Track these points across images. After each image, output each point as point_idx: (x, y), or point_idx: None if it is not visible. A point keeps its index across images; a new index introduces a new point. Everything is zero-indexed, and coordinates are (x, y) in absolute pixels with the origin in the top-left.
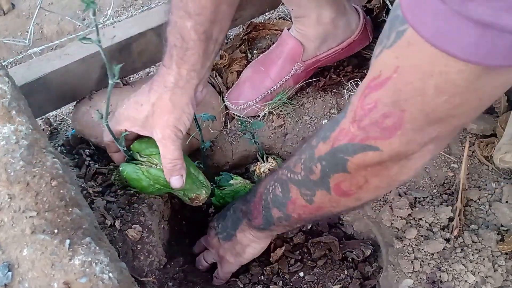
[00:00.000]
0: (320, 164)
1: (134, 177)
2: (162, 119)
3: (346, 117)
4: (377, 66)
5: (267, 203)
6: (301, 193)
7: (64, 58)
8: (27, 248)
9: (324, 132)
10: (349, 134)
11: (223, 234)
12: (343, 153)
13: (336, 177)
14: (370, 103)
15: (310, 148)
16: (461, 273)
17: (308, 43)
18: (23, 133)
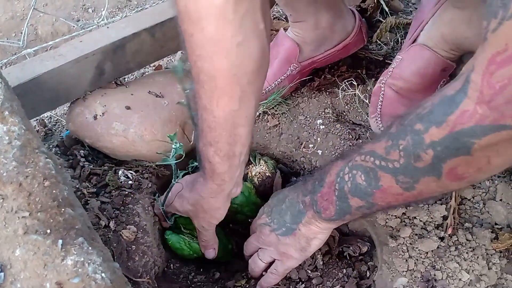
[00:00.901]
0: (432, 150)
1: (178, 246)
2: (199, 216)
3: (469, 98)
4: (499, 39)
5: (343, 193)
6: (397, 181)
7: (58, 58)
8: (20, 249)
9: (436, 116)
10: (476, 116)
11: (281, 229)
12: (469, 137)
13: (454, 162)
14: (502, 80)
15: (413, 133)
16: (456, 271)
17: (304, 45)
18: (16, 134)
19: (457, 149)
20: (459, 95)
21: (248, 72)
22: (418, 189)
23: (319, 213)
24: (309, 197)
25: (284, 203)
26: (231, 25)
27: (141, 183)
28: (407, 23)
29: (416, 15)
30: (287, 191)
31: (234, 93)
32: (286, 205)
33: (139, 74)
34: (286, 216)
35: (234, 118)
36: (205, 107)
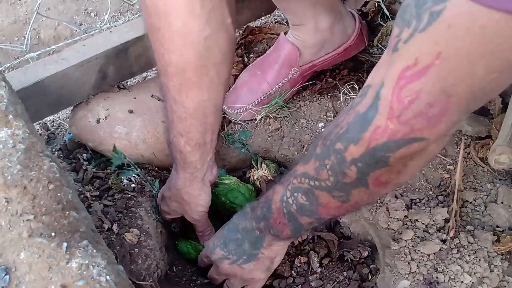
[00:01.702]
0: (355, 166)
1: (185, 250)
2: (185, 209)
3: (380, 114)
4: (410, 53)
5: (292, 214)
6: (333, 197)
7: (61, 62)
8: (24, 252)
9: (353, 134)
10: (388, 131)
11: (242, 258)
12: (383, 151)
13: (376, 173)
14: (410, 94)
15: (336, 153)
16: (458, 274)
17: (305, 49)
18: (20, 137)
19: (375, 163)
20: (371, 112)
21: (217, 64)
22: (353, 200)
23: (277, 236)
24: (262, 223)
25: (238, 233)
26: (199, 19)
27: (144, 186)
28: None
29: None
30: (236, 221)
31: (203, 84)
32: (241, 234)
33: (141, 78)
34: (244, 245)
35: (204, 108)
36: (174, 99)
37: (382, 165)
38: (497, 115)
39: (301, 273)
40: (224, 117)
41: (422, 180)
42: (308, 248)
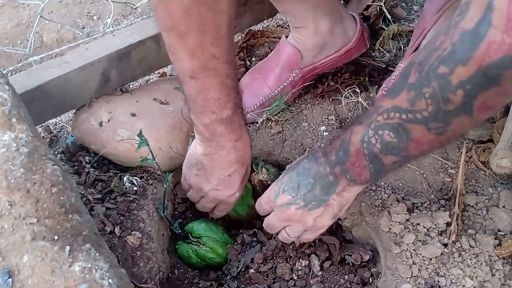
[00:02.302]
0: (462, 90)
1: (185, 255)
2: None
3: (494, 27)
4: None
5: (374, 155)
6: (429, 129)
7: (63, 66)
8: (27, 255)
9: (461, 54)
10: (505, 46)
11: (311, 203)
12: (499, 69)
13: (484, 96)
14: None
15: (439, 78)
16: (459, 278)
17: (306, 51)
18: (24, 141)
19: (488, 83)
20: (483, 27)
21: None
22: (451, 131)
23: (353, 180)
24: (338, 167)
25: (310, 177)
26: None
27: (146, 189)
28: (410, 31)
29: (418, 23)
30: (307, 165)
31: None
32: (313, 178)
33: (143, 81)
34: (315, 190)
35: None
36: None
37: (494, 85)
38: (499, 119)
39: (302, 277)
40: None
41: (424, 184)
42: (309, 252)
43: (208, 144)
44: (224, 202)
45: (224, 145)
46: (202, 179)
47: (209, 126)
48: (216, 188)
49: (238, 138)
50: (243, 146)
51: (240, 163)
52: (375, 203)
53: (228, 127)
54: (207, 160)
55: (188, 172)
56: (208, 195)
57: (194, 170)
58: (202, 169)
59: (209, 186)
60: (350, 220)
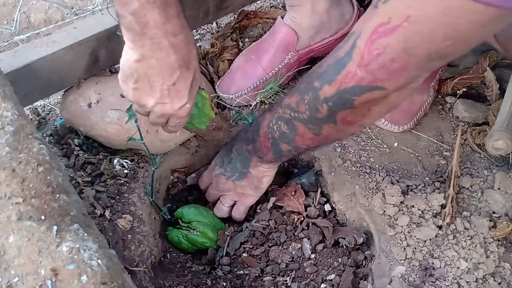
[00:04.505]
0: (326, 104)
1: (176, 240)
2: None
3: (353, 61)
4: (386, 12)
5: (275, 139)
6: (308, 128)
7: (51, 45)
8: (14, 235)
9: (329, 75)
10: (356, 77)
11: (235, 175)
12: (350, 94)
13: (343, 113)
14: (378, 48)
15: (313, 90)
16: (454, 260)
17: (302, 32)
18: (9, 119)
19: (343, 104)
20: (346, 58)
21: None
22: (323, 134)
23: (261, 158)
24: (251, 145)
25: (232, 153)
26: None
27: (136, 172)
28: None
29: None
30: (232, 143)
31: None
32: (234, 154)
33: None
34: (236, 164)
35: None
36: None
37: (348, 107)
38: (494, 101)
39: (295, 260)
40: (218, 102)
41: (418, 166)
42: (303, 235)
43: (141, 44)
44: (174, 116)
45: (161, 43)
46: (143, 93)
47: (138, 13)
48: (162, 101)
49: (178, 32)
50: (184, 44)
51: (184, 66)
52: (369, 186)
53: (163, 13)
54: (144, 68)
55: (125, 86)
56: (154, 111)
57: (131, 83)
58: (140, 81)
59: (152, 100)
60: (343, 203)
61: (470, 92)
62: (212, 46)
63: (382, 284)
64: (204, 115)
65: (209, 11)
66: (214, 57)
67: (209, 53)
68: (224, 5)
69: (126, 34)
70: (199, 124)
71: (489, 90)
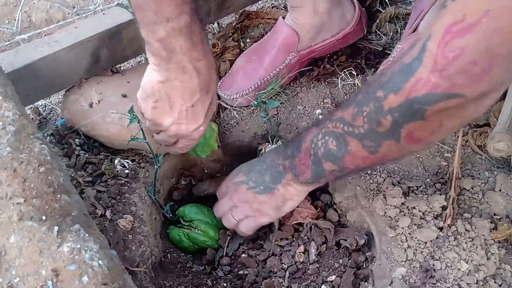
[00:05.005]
0: (391, 116)
1: (177, 239)
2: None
3: (424, 66)
4: (458, 9)
5: (317, 157)
6: (363, 146)
7: (52, 45)
8: (15, 235)
9: (395, 83)
10: (429, 84)
11: (259, 187)
12: (421, 104)
13: (410, 126)
14: (455, 50)
15: (375, 100)
16: (454, 261)
17: (303, 33)
18: (10, 119)
19: (412, 115)
20: (415, 63)
21: None
22: (382, 152)
23: (297, 176)
24: (288, 161)
25: (264, 163)
26: None
27: (137, 172)
28: (407, 13)
29: (415, 5)
30: (269, 153)
31: None
32: (267, 165)
33: (135, 63)
34: (266, 176)
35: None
36: None
37: (417, 118)
38: (495, 103)
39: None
40: (219, 103)
41: (419, 168)
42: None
43: (167, 67)
44: (187, 137)
45: (186, 67)
46: (161, 112)
47: (165, 40)
48: (178, 122)
49: (201, 58)
50: (207, 69)
51: (205, 90)
52: (371, 187)
53: (189, 40)
54: (166, 89)
55: (144, 104)
56: (169, 129)
57: (151, 101)
58: (160, 100)
59: (169, 120)
60: (345, 204)
61: None
62: (214, 47)
63: (382, 285)
64: (208, 145)
65: (210, 11)
66: (215, 57)
67: None
68: (225, 6)
69: (151, 58)
70: (201, 152)
71: None
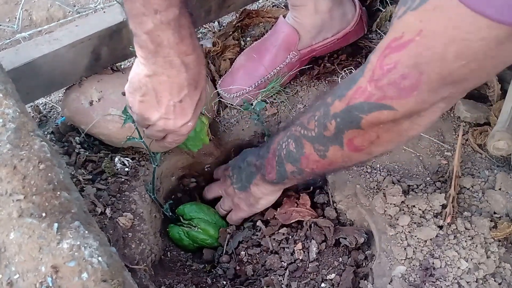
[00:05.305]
0: (335, 121)
1: (177, 237)
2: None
3: (364, 76)
4: (399, 27)
5: (281, 158)
6: (314, 149)
7: (53, 43)
8: (14, 232)
9: (341, 90)
10: (366, 93)
11: (238, 184)
12: (358, 111)
13: (350, 133)
14: (390, 63)
15: (325, 106)
16: (454, 260)
17: (304, 32)
18: (10, 116)
19: (350, 122)
20: (359, 73)
21: None
22: (329, 157)
23: (264, 176)
24: (259, 161)
25: (243, 163)
26: None
27: (137, 170)
28: None
29: None
30: (249, 153)
31: None
32: (244, 165)
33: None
34: (242, 175)
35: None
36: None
37: (355, 126)
38: (495, 102)
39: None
40: (219, 101)
41: (419, 166)
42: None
43: (154, 61)
44: (175, 132)
45: (173, 61)
46: (149, 106)
47: (153, 32)
48: (166, 117)
49: (190, 52)
50: (196, 64)
51: (193, 85)
52: (370, 185)
53: (177, 33)
54: (153, 83)
55: (131, 98)
56: (157, 124)
57: (138, 95)
58: (147, 94)
59: (157, 115)
60: (344, 203)
61: (472, 92)
62: (214, 45)
63: (382, 283)
64: (199, 139)
65: (211, 9)
66: (215, 56)
67: (211, 52)
68: (226, 4)
69: (139, 51)
70: (192, 146)
71: (491, 91)
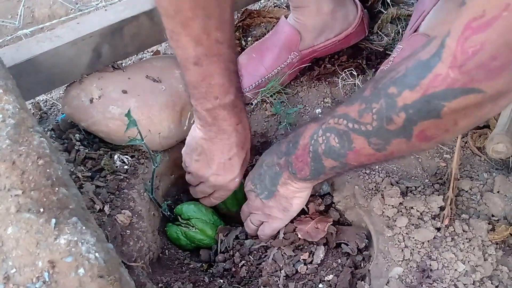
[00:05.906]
0: (405, 113)
1: (175, 236)
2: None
3: (442, 62)
4: (477, 5)
5: (317, 154)
6: (369, 143)
7: (54, 40)
8: (12, 227)
9: (410, 80)
10: (448, 79)
11: (264, 193)
12: (439, 99)
13: (424, 124)
14: (475, 45)
15: (387, 97)
16: (451, 262)
17: (305, 32)
18: (10, 112)
19: (428, 112)
20: (434, 59)
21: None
22: (389, 150)
23: (294, 174)
24: (284, 158)
25: (262, 168)
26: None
27: (137, 168)
28: (408, 15)
29: (417, 6)
30: (264, 156)
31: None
32: (263, 169)
33: (136, 59)
34: (265, 180)
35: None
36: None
37: (433, 116)
38: None
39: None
40: None
41: (418, 168)
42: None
43: (209, 129)
44: (223, 187)
45: (226, 129)
46: (203, 164)
47: (211, 111)
48: (216, 173)
49: (239, 122)
50: (243, 130)
51: (240, 146)
52: (369, 186)
53: (231, 111)
54: (208, 144)
55: (187, 158)
56: (209, 180)
57: (194, 155)
58: (202, 154)
59: (209, 171)
60: (343, 203)
61: None
62: None
63: (379, 285)
64: (238, 198)
65: None
66: None
67: None
68: None
69: (197, 120)
70: (231, 206)
71: None
